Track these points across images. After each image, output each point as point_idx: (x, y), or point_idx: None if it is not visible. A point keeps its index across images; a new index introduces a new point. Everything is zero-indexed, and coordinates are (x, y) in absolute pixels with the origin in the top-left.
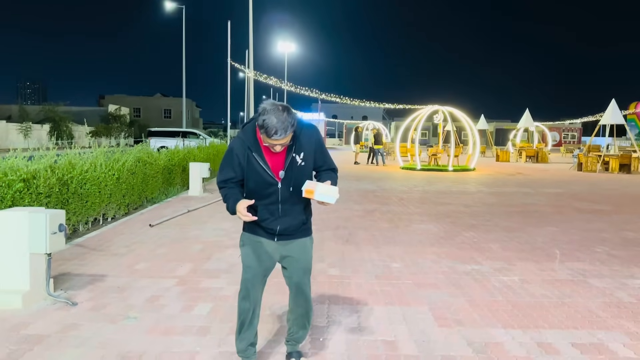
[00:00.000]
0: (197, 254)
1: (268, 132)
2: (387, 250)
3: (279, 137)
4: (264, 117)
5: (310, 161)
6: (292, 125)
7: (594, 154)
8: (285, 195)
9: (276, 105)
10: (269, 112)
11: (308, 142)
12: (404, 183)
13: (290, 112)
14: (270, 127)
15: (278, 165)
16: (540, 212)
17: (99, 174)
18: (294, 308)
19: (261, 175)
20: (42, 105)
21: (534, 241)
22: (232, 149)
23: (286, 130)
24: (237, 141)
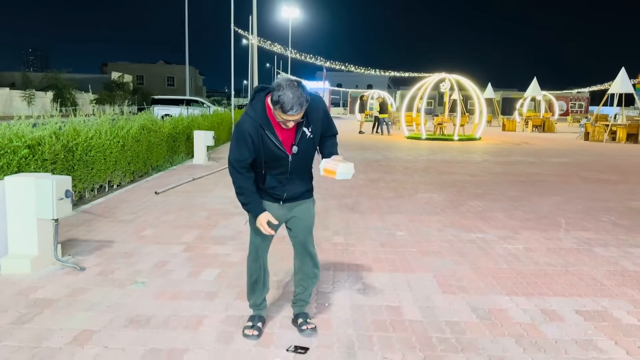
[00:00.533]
0: (203, 221)
1: (284, 107)
2: (391, 218)
3: (295, 113)
4: (279, 92)
5: (318, 132)
6: (306, 100)
7: (602, 123)
8: (294, 167)
9: (291, 80)
10: (285, 88)
11: (316, 114)
12: (409, 152)
13: (304, 88)
14: (286, 102)
15: (288, 139)
16: (545, 182)
17: (103, 141)
18: (301, 267)
19: (273, 150)
20: (45, 73)
21: (540, 210)
22: (243, 128)
23: (302, 106)
24: (247, 120)
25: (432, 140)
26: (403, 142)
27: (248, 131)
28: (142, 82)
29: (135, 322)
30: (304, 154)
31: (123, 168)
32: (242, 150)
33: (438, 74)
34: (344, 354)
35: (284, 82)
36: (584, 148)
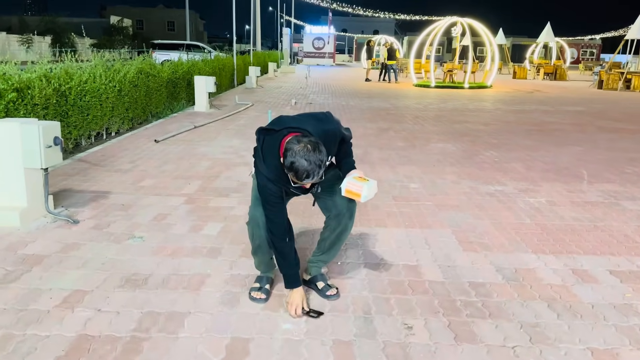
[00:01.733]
0: (205, 171)
1: (298, 176)
2: (403, 170)
3: (312, 180)
4: (292, 159)
5: (334, 152)
6: (323, 164)
7: (616, 71)
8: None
9: (304, 143)
10: (298, 154)
11: (334, 143)
12: (418, 101)
13: (320, 150)
14: (301, 171)
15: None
16: (562, 131)
17: (98, 85)
18: (334, 224)
19: (297, 195)
20: (42, 16)
21: (559, 161)
22: (265, 194)
23: (319, 173)
24: (266, 183)
25: (441, 88)
26: (412, 90)
27: (272, 193)
28: (142, 26)
29: (131, 282)
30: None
31: (121, 115)
32: (273, 212)
33: (449, 17)
34: (360, 319)
35: (296, 147)
36: (598, 96)
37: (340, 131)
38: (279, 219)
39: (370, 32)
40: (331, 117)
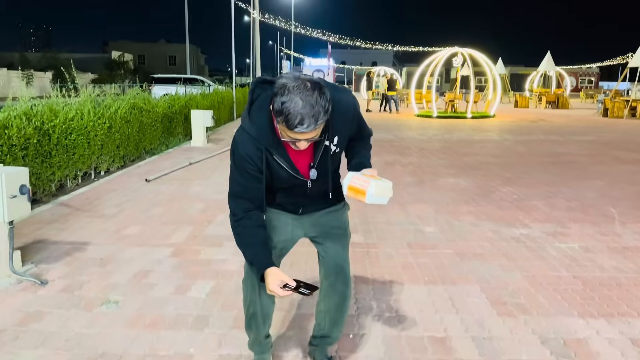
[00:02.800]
0: (198, 215)
1: (289, 121)
2: (415, 209)
3: (307, 130)
4: (283, 98)
5: (345, 142)
6: (325, 111)
7: (621, 99)
8: (314, 192)
9: (302, 80)
10: (292, 92)
11: (343, 121)
12: (421, 132)
13: (322, 92)
14: (293, 114)
15: (306, 159)
16: (577, 163)
17: (86, 122)
18: (329, 293)
19: (285, 177)
20: (44, 52)
21: (582, 197)
22: (241, 153)
23: (317, 120)
24: (245, 140)
25: (444, 118)
26: (414, 121)
27: (249, 156)
28: (144, 61)
29: None
30: (327, 175)
31: (111, 152)
32: (240, 190)
33: (450, 48)
34: None
35: (291, 82)
36: (606, 125)
37: (357, 109)
38: (248, 195)
39: (369, 63)
40: (350, 92)
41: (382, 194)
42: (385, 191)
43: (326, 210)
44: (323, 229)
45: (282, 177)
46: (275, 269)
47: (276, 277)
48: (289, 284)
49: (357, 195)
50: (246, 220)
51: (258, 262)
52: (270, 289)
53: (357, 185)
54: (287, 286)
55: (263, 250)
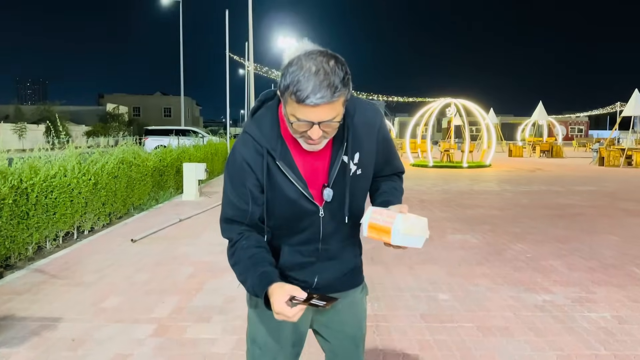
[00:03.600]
0: (186, 281)
1: (299, 91)
2: (425, 272)
3: (320, 100)
4: (292, 67)
5: (370, 166)
6: (343, 82)
7: (616, 148)
8: (329, 229)
9: (318, 52)
10: (303, 59)
11: (368, 134)
12: (419, 182)
13: (340, 62)
14: (302, 81)
15: (317, 177)
16: (585, 216)
17: (69, 179)
18: None
19: (292, 198)
20: (38, 105)
21: (600, 255)
22: (236, 162)
23: (334, 90)
24: (243, 143)
25: (439, 167)
26: (410, 171)
27: (247, 163)
28: (139, 113)
29: None
30: (347, 205)
31: (96, 210)
32: (235, 200)
33: (443, 99)
34: None
35: (304, 54)
36: (604, 174)
37: (385, 126)
38: (244, 218)
39: None
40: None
41: (413, 232)
42: (417, 228)
43: (343, 295)
44: (334, 323)
45: (286, 197)
46: (279, 284)
47: (281, 293)
48: (297, 296)
49: (381, 235)
50: (243, 241)
51: (259, 284)
52: (277, 311)
53: (379, 223)
54: (294, 299)
55: (264, 267)
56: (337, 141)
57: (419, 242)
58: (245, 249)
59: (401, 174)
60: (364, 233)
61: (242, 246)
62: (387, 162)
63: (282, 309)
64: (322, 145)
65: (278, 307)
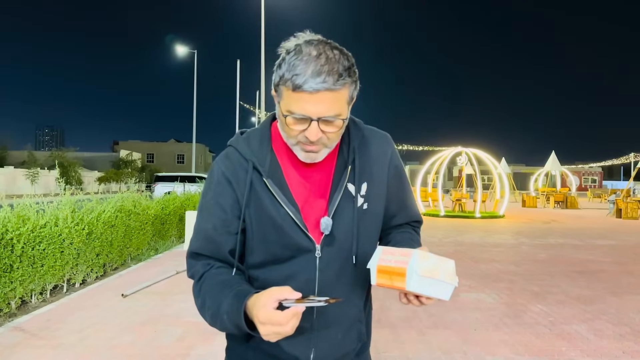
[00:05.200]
0: (172, 346)
1: (297, 75)
2: (437, 338)
3: (321, 85)
4: (290, 55)
5: (380, 202)
6: (349, 73)
7: (633, 199)
8: (328, 276)
9: (318, 38)
10: (304, 45)
11: (377, 161)
12: (430, 233)
13: (344, 52)
14: (300, 65)
15: (315, 206)
16: (608, 273)
17: (60, 229)
18: None
19: (281, 232)
20: (51, 151)
21: (628, 319)
22: (215, 172)
23: (337, 76)
24: (227, 156)
25: (451, 217)
26: None
27: (225, 175)
28: (153, 159)
29: None
30: (352, 245)
31: (89, 261)
32: (208, 239)
33: (454, 147)
34: None
35: (302, 42)
36: (622, 227)
37: (398, 155)
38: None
39: None
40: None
41: (435, 274)
42: (440, 271)
43: None
44: None
45: (273, 225)
46: (259, 294)
47: (266, 297)
48: (287, 298)
49: (393, 280)
50: (212, 270)
51: (235, 302)
52: (263, 321)
53: (390, 264)
54: (285, 302)
55: (240, 286)
56: (340, 163)
57: (444, 290)
58: (215, 275)
59: (418, 224)
60: (372, 280)
61: (211, 274)
62: (400, 205)
63: (271, 316)
64: (321, 156)
65: (264, 315)
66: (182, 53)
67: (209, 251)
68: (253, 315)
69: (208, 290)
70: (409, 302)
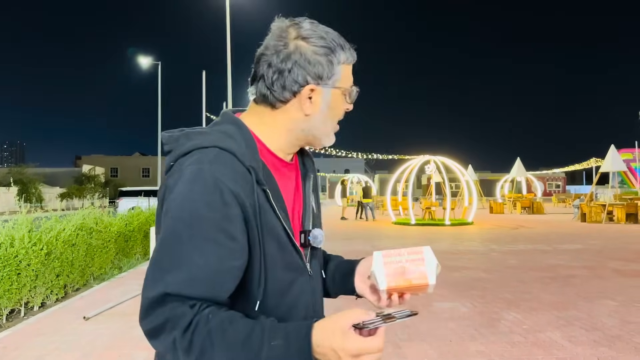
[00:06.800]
0: None
1: (347, 43)
2: (412, 351)
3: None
4: (313, 27)
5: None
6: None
7: (597, 203)
8: (317, 297)
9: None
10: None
11: (314, 172)
12: (402, 242)
13: None
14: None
15: (294, 218)
16: (577, 277)
17: (17, 250)
18: None
19: (285, 247)
20: (10, 167)
21: (601, 325)
22: (212, 183)
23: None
24: (219, 159)
25: (422, 225)
26: (392, 229)
27: (230, 189)
28: (117, 174)
29: None
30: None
31: (48, 283)
32: (213, 257)
33: (422, 156)
34: None
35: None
36: (588, 231)
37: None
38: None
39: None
40: None
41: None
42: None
43: None
44: None
45: (279, 247)
46: (322, 322)
47: (343, 320)
48: (364, 321)
49: (410, 279)
50: (205, 310)
51: (294, 331)
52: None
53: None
54: (363, 325)
55: (272, 320)
56: (302, 171)
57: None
58: (218, 315)
59: None
60: (381, 285)
61: (212, 316)
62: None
63: (366, 344)
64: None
65: (356, 345)
66: (145, 64)
67: (202, 292)
68: (329, 350)
69: (217, 338)
70: (389, 303)
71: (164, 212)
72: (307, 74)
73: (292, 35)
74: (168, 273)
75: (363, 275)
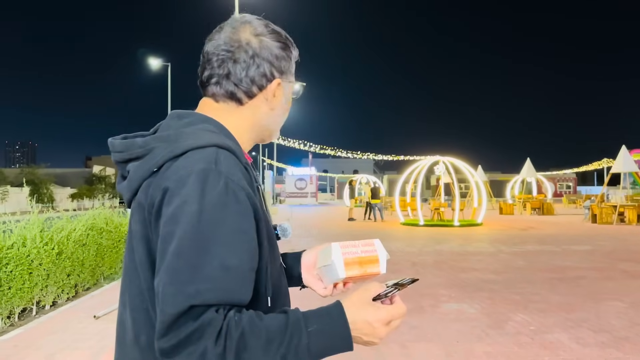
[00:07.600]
0: None
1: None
2: (419, 351)
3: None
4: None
5: None
6: None
7: (608, 204)
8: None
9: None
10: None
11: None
12: (410, 242)
13: None
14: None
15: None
16: (586, 279)
17: (29, 250)
18: None
19: (275, 244)
20: (22, 168)
21: (610, 326)
22: (235, 189)
23: None
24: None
25: (430, 226)
26: (400, 230)
27: (246, 191)
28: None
29: None
30: None
31: (59, 282)
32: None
33: (431, 156)
34: None
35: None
36: (598, 232)
37: None
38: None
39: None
40: None
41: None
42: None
43: None
44: None
45: (271, 245)
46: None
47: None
48: (380, 293)
49: (365, 267)
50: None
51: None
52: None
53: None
54: (382, 296)
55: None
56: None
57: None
58: (248, 312)
59: None
60: (340, 274)
61: (245, 319)
62: None
63: (391, 311)
64: None
65: (384, 314)
66: (155, 66)
67: (228, 298)
68: (364, 324)
69: (252, 337)
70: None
71: (169, 217)
72: (274, 68)
73: (254, 32)
74: (191, 284)
75: (309, 266)
